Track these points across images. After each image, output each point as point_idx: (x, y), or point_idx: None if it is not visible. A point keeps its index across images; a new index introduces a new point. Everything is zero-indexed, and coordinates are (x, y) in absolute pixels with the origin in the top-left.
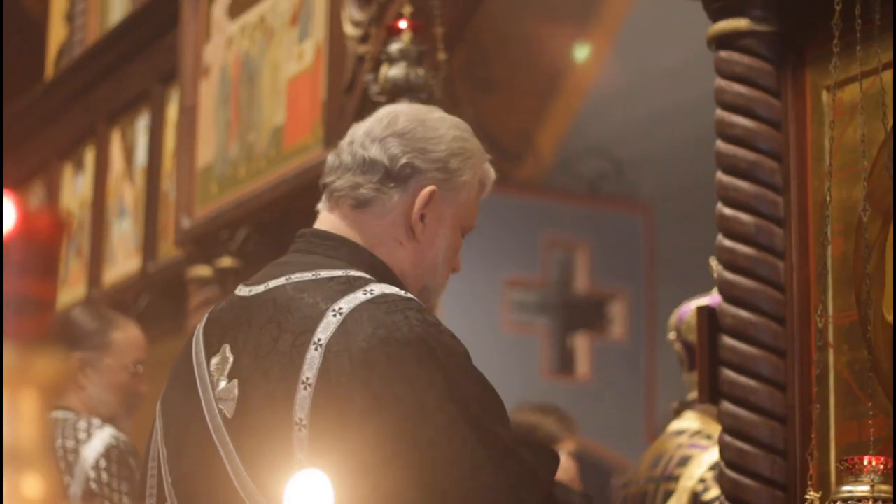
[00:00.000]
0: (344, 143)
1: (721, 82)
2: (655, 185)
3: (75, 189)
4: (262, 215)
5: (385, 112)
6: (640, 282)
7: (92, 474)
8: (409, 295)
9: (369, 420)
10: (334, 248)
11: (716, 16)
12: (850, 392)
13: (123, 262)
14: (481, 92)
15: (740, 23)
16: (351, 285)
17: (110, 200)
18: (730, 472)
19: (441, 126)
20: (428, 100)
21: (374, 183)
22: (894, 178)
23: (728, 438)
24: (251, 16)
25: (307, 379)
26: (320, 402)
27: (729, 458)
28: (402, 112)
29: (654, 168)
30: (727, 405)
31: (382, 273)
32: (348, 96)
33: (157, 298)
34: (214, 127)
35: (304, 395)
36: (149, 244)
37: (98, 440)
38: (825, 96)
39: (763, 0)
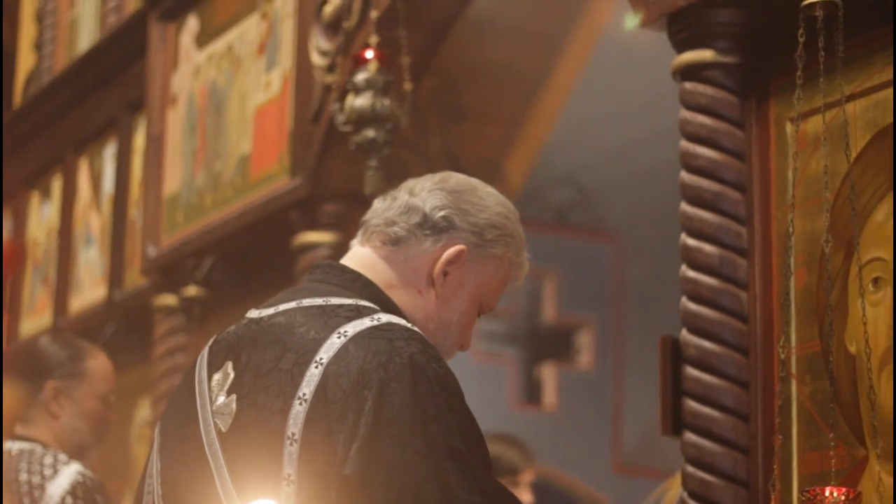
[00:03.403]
0: (394, 190)
1: (685, 113)
2: (623, 214)
3: (42, 217)
4: (228, 244)
5: (443, 172)
6: (608, 311)
7: None
8: (415, 328)
9: (356, 438)
10: (349, 282)
11: (681, 47)
12: (813, 423)
13: (90, 291)
14: (450, 121)
15: (705, 54)
16: (359, 312)
17: (77, 229)
18: None
19: (490, 199)
20: (394, 129)
21: (409, 224)
22: (856, 209)
23: (690, 469)
24: (219, 45)
25: (304, 395)
26: (314, 418)
27: (692, 489)
28: (457, 176)
29: (622, 198)
30: (690, 436)
31: (391, 311)
32: (315, 125)
33: (122, 327)
34: (181, 155)
35: (298, 411)
36: (115, 272)
37: (64, 476)
38: (789, 128)
39: (728, 32)
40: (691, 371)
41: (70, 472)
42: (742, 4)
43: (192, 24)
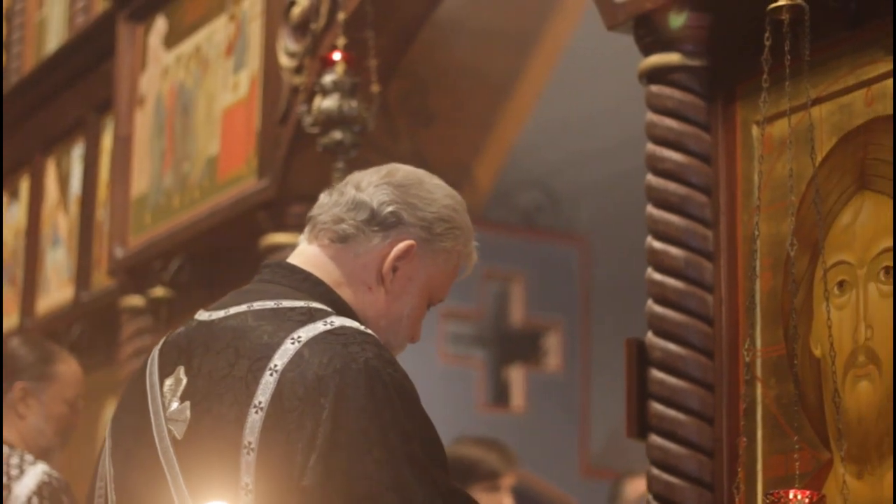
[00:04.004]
0: (340, 184)
1: (652, 117)
2: (592, 217)
3: (10, 218)
4: (195, 245)
5: (389, 165)
6: (576, 314)
7: None
8: (369, 331)
9: (314, 447)
10: (299, 282)
11: (647, 50)
12: (777, 426)
13: (57, 292)
14: (419, 123)
15: (671, 57)
16: (311, 316)
17: (44, 229)
18: None
19: (437, 192)
20: (361, 131)
21: (357, 221)
22: (821, 213)
23: (656, 471)
24: (187, 46)
25: (259, 403)
26: (270, 426)
27: (657, 491)
28: (404, 168)
29: (590, 201)
30: (655, 438)
31: (343, 311)
32: (282, 127)
33: (89, 328)
34: (149, 157)
35: (255, 419)
36: (82, 273)
37: (30, 477)
38: (755, 131)
39: (694, 35)
40: (657, 374)
41: (36, 473)
42: (708, 8)
43: (160, 25)
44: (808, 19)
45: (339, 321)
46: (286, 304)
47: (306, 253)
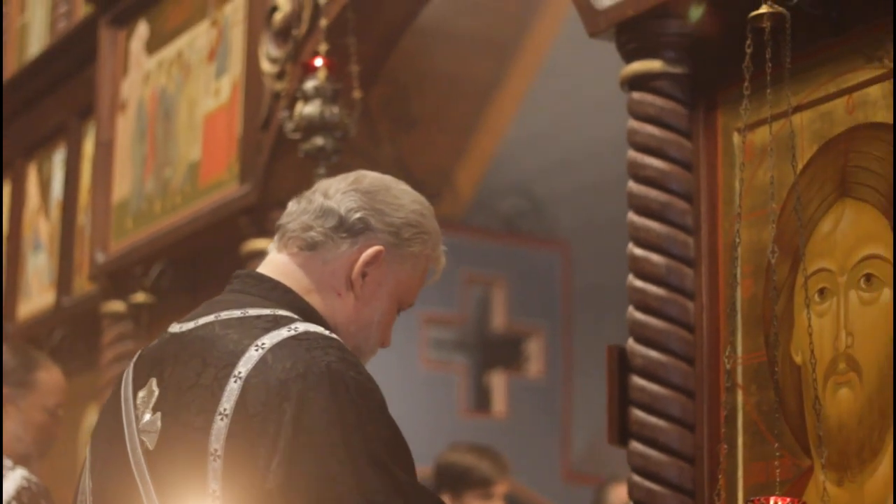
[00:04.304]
0: (308, 191)
1: (633, 123)
2: (573, 223)
3: None
4: (176, 251)
5: (356, 172)
6: (558, 319)
7: None
8: (333, 335)
9: (277, 450)
10: (268, 291)
11: (629, 57)
12: (758, 433)
13: (38, 297)
14: (401, 129)
15: (653, 64)
16: (276, 323)
17: (26, 234)
18: None
19: (404, 197)
20: (343, 137)
21: (325, 228)
22: (802, 220)
23: (637, 478)
24: (169, 51)
25: (224, 410)
26: (235, 433)
27: (638, 498)
28: (371, 175)
29: (572, 206)
30: (636, 445)
31: (312, 318)
32: (264, 133)
33: (70, 333)
34: (130, 162)
35: (220, 426)
36: (63, 278)
37: (10, 482)
38: (736, 138)
39: (676, 42)
40: (638, 380)
41: (16, 478)
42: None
43: (142, 30)
44: (790, 27)
45: (303, 327)
46: (252, 312)
47: (276, 262)
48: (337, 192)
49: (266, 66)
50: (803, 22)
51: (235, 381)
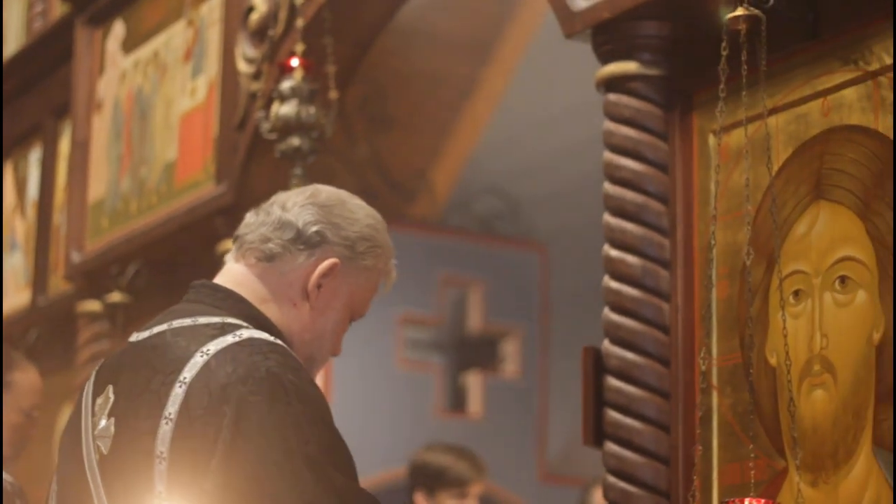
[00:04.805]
0: (265, 204)
1: (609, 125)
2: (551, 224)
3: None
4: (152, 251)
5: (312, 186)
6: (534, 320)
7: None
8: (278, 341)
9: (215, 454)
10: (221, 300)
11: (605, 58)
12: (733, 434)
13: (13, 296)
14: (378, 129)
15: (629, 66)
16: (223, 330)
17: (2, 233)
18: None
19: (359, 212)
20: (319, 138)
21: (283, 240)
22: (777, 222)
23: (612, 479)
24: (145, 51)
25: (169, 414)
26: (179, 435)
27: (613, 499)
28: (326, 189)
29: (549, 207)
30: (611, 446)
31: (263, 326)
32: (240, 133)
33: (46, 332)
34: (106, 161)
35: (165, 430)
36: (39, 278)
37: None
38: (712, 140)
39: (652, 44)
40: (613, 381)
41: None
42: (666, 17)
43: (118, 29)
44: (765, 30)
45: (247, 333)
46: (202, 320)
47: (232, 272)
48: (295, 206)
49: (242, 67)
50: (779, 24)
51: (180, 387)
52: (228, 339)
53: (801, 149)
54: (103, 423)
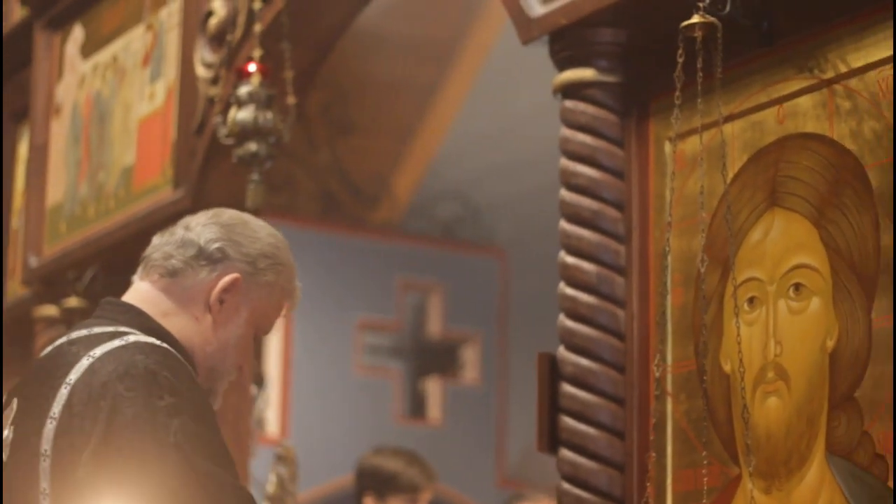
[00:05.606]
0: (171, 226)
1: (566, 131)
2: (511, 230)
3: None
4: (109, 255)
5: (215, 209)
6: (494, 326)
7: None
8: (164, 345)
9: (89, 447)
10: (120, 314)
11: (562, 65)
12: (687, 441)
13: None
14: (338, 134)
15: (586, 73)
16: (113, 336)
17: None
18: None
19: (261, 231)
20: (276, 143)
21: (185, 257)
22: (732, 229)
23: (566, 486)
24: (104, 55)
25: (53, 413)
26: (61, 433)
27: None
28: (229, 211)
29: (509, 213)
30: (566, 452)
31: (160, 336)
32: (198, 138)
33: (3, 337)
34: (65, 166)
35: (49, 429)
36: None
37: None
38: (668, 147)
39: (608, 51)
40: (568, 388)
41: None
42: (623, 24)
43: (77, 33)
44: (721, 37)
45: (133, 338)
46: (97, 330)
47: (137, 289)
48: (197, 225)
49: (201, 71)
50: (735, 32)
51: (65, 388)
52: (115, 343)
53: (756, 156)
54: (7, 432)
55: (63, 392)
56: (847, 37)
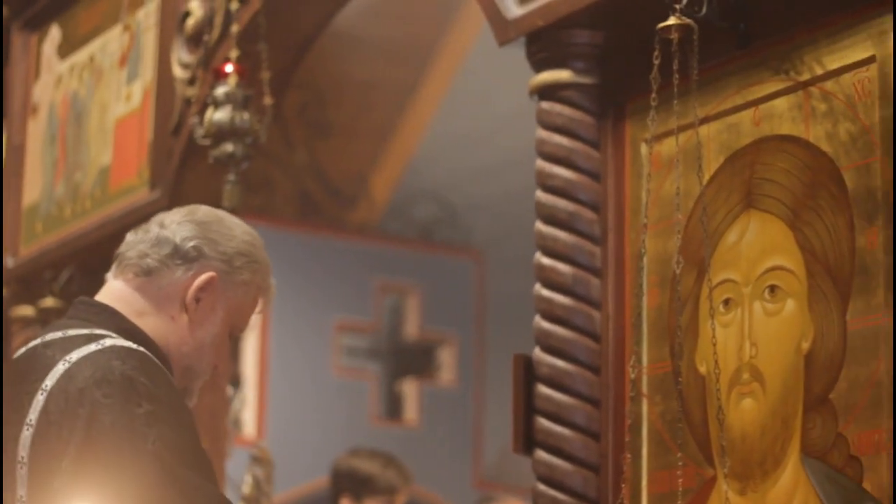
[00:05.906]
0: (145, 224)
1: (542, 133)
2: (488, 231)
3: None
4: (86, 256)
5: (191, 206)
6: (470, 328)
7: None
8: (140, 348)
9: (67, 455)
10: (94, 314)
11: (538, 67)
12: (662, 442)
13: None
14: (316, 135)
15: (562, 74)
16: (89, 339)
17: None
18: None
19: (237, 230)
20: (253, 144)
21: (161, 256)
22: (708, 231)
23: (542, 487)
24: (81, 55)
25: (30, 420)
26: (38, 440)
27: None
28: (204, 208)
29: (487, 214)
30: (541, 454)
31: (136, 337)
32: (175, 138)
33: None
34: (41, 166)
35: (26, 436)
36: None
37: None
38: (644, 149)
39: (585, 52)
40: (543, 389)
41: None
42: (600, 26)
43: (54, 33)
44: (697, 39)
45: (110, 342)
46: (71, 332)
47: (111, 288)
48: (172, 223)
49: (178, 72)
50: (711, 34)
51: (42, 394)
52: (91, 347)
53: (732, 158)
54: None
55: (39, 398)
56: (823, 39)
